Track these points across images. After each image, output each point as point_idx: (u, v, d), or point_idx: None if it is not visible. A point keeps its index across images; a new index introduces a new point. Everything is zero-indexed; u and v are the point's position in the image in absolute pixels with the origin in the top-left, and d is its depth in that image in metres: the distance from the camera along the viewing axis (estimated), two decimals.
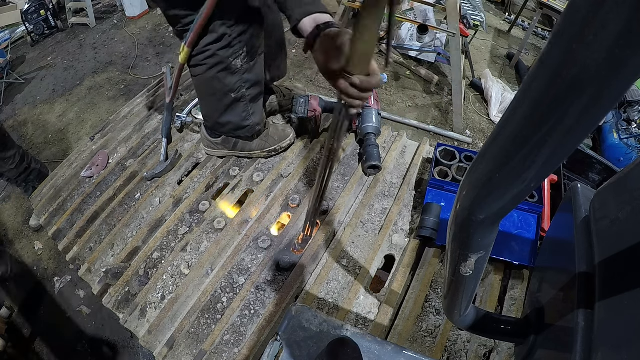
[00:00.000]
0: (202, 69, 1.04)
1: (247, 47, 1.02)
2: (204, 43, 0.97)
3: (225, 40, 0.97)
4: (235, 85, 1.08)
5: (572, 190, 0.53)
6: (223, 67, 1.03)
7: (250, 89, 1.12)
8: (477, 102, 2.65)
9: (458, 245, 0.40)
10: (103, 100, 2.81)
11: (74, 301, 1.70)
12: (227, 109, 1.14)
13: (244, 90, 1.11)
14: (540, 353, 0.47)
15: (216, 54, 1.00)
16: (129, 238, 1.20)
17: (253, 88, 1.13)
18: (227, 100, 1.12)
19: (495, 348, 0.91)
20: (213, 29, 0.95)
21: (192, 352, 0.94)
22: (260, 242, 1.11)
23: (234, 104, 1.13)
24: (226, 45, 0.98)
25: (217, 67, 1.03)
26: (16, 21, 3.50)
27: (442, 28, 2.24)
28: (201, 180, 1.31)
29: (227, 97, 1.11)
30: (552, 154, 0.25)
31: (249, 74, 1.08)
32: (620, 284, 0.36)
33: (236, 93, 1.10)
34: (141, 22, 3.65)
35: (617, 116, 2.20)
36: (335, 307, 0.99)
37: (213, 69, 1.03)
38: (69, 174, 1.46)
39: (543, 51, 0.22)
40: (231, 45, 0.99)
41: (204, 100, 1.19)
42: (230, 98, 1.11)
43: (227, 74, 1.05)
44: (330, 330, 0.62)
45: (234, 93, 1.10)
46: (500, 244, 1.03)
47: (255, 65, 1.09)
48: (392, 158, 1.32)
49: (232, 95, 1.10)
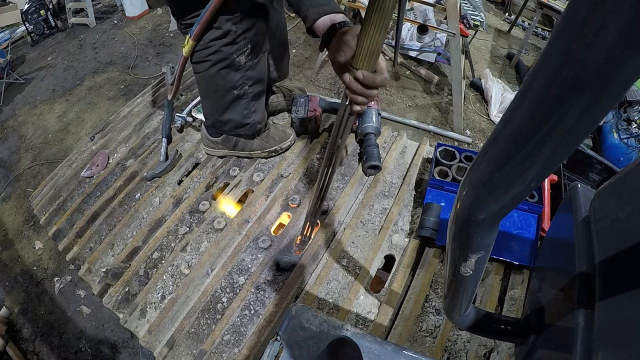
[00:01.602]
0: (205, 65, 1.04)
1: (252, 44, 1.02)
2: (208, 38, 0.97)
3: (230, 36, 0.97)
4: (238, 82, 1.08)
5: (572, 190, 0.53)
6: (227, 64, 1.03)
7: (253, 87, 1.12)
8: (477, 102, 2.65)
9: (458, 245, 0.40)
10: (103, 100, 2.81)
11: (74, 301, 1.70)
12: (229, 107, 1.14)
13: (246, 87, 1.11)
14: (540, 353, 0.47)
15: (220, 50, 0.99)
16: (129, 238, 1.20)
17: (255, 85, 1.12)
18: (229, 97, 1.11)
19: (495, 348, 0.91)
20: (219, 25, 0.95)
21: (192, 352, 0.94)
22: (260, 242, 1.11)
23: (235, 101, 1.13)
24: (231, 41, 0.98)
25: (220, 64, 1.03)
26: (16, 21, 3.50)
27: (442, 28, 2.24)
28: (201, 180, 1.31)
29: (229, 94, 1.11)
30: (552, 154, 0.25)
31: (252, 71, 1.08)
32: (620, 284, 0.36)
33: (238, 90, 1.10)
34: (141, 22, 3.65)
35: (617, 116, 2.20)
36: (335, 307, 0.99)
37: (216, 65, 1.03)
38: (69, 174, 1.46)
39: (543, 51, 0.22)
40: (236, 41, 0.99)
41: (206, 98, 1.18)
42: (232, 95, 1.11)
43: (230, 71, 1.05)
44: (330, 330, 0.62)
45: (237, 90, 1.10)
46: (500, 244, 1.03)
47: (259, 62, 1.09)
48: (392, 158, 1.32)
49: (234, 92, 1.10)
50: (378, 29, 0.52)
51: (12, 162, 2.45)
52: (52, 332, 1.63)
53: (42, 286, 1.78)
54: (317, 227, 1.13)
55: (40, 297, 1.75)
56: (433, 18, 2.61)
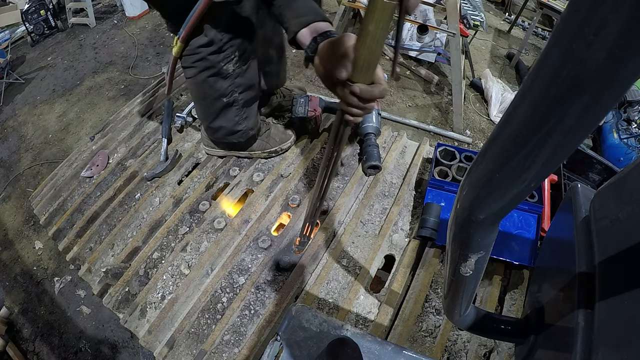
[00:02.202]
0: (193, 71, 1.02)
1: (239, 51, 1.00)
2: (195, 44, 0.95)
3: (216, 45, 0.95)
4: (227, 89, 1.06)
5: (572, 190, 0.53)
6: (213, 72, 1.01)
7: (243, 93, 1.10)
8: (477, 102, 2.65)
9: (458, 245, 0.40)
10: (103, 100, 2.81)
11: (74, 301, 1.70)
12: (219, 114, 1.12)
13: (236, 94, 1.09)
14: (540, 353, 0.47)
15: (206, 58, 0.97)
16: (129, 238, 1.20)
17: (246, 92, 1.11)
18: (218, 105, 1.10)
19: (495, 348, 0.91)
20: (205, 32, 0.93)
21: (192, 352, 0.94)
22: (260, 242, 1.11)
23: (225, 109, 1.11)
24: (217, 50, 0.96)
25: (207, 71, 1.01)
26: (16, 21, 3.50)
27: (442, 28, 2.24)
28: (201, 180, 1.31)
29: (218, 102, 1.09)
30: (552, 154, 0.25)
31: (241, 78, 1.06)
32: (620, 284, 0.36)
33: (228, 97, 1.08)
34: (141, 22, 3.65)
35: (617, 116, 2.20)
36: (335, 307, 0.99)
37: (203, 72, 1.01)
38: (69, 174, 1.46)
39: (543, 51, 0.22)
40: (222, 49, 0.97)
41: (197, 104, 1.17)
42: (222, 102, 1.09)
43: (217, 79, 1.03)
44: (330, 330, 0.62)
45: (226, 97, 1.08)
46: (500, 244, 1.03)
47: (248, 69, 1.07)
48: (392, 158, 1.32)
49: (223, 100, 1.08)
50: (375, 39, 0.48)
51: (12, 162, 2.44)
52: (52, 332, 1.63)
53: (42, 286, 1.78)
54: (317, 227, 1.13)
55: (40, 297, 1.75)
56: (433, 18, 2.61)
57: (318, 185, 0.81)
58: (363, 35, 0.49)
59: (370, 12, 0.46)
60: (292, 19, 0.78)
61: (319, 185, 0.81)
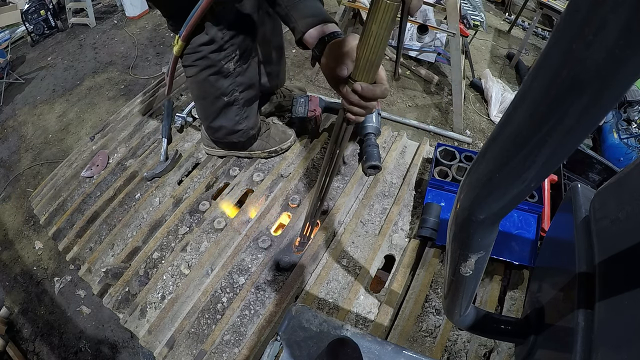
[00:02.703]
0: (193, 70, 1.02)
1: (240, 50, 1.01)
2: (196, 42, 0.95)
3: (217, 43, 0.96)
4: (228, 88, 1.06)
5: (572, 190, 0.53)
6: (214, 71, 1.01)
7: (244, 92, 1.10)
8: (477, 102, 2.65)
9: (458, 245, 0.40)
10: (103, 100, 2.81)
11: (74, 301, 1.70)
12: (220, 113, 1.13)
13: (237, 93, 1.09)
14: (540, 353, 0.47)
15: (207, 57, 0.98)
16: (129, 238, 1.20)
17: (246, 91, 1.11)
18: (219, 104, 1.10)
19: (495, 348, 0.91)
20: (206, 30, 0.93)
21: (192, 352, 0.94)
22: (260, 242, 1.11)
23: (226, 108, 1.11)
24: (217, 48, 0.97)
25: (208, 70, 1.01)
26: (16, 21, 3.50)
27: (442, 28, 2.24)
28: (201, 180, 1.31)
29: (219, 101, 1.09)
30: (552, 154, 0.25)
31: (242, 77, 1.06)
32: (620, 284, 0.36)
33: (229, 97, 1.08)
34: (141, 22, 3.65)
35: (617, 116, 2.20)
36: (335, 307, 0.99)
37: (204, 71, 1.01)
38: (69, 174, 1.46)
39: (543, 51, 0.22)
40: (223, 48, 0.97)
41: (197, 103, 1.17)
42: (222, 101, 1.09)
43: (218, 77, 1.03)
44: (330, 330, 0.62)
45: (227, 97, 1.08)
46: (500, 244, 1.03)
47: (249, 68, 1.07)
48: (392, 158, 1.32)
49: (224, 99, 1.09)
50: (378, 39, 0.49)
51: (12, 162, 2.44)
52: (52, 332, 1.63)
53: (42, 286, 1.78)
54: (317, 227, 1.13)
55: (40, 297, 1.75)
56: (433, 18, 2.61)
57: (319, 185, 0.82)
58: (366, 35, 0.49)
59: (373, 13, 0.46)
60: (299, 20, 0.80)
61: (320, 184, 0.81)
